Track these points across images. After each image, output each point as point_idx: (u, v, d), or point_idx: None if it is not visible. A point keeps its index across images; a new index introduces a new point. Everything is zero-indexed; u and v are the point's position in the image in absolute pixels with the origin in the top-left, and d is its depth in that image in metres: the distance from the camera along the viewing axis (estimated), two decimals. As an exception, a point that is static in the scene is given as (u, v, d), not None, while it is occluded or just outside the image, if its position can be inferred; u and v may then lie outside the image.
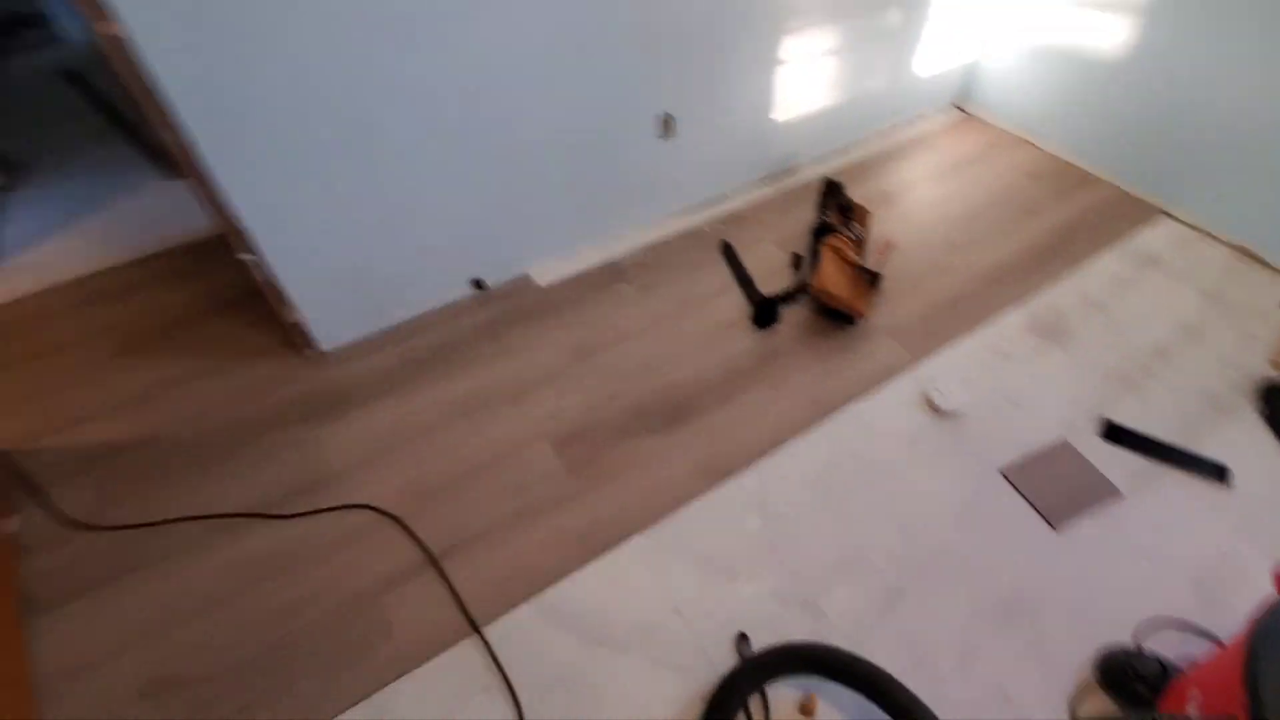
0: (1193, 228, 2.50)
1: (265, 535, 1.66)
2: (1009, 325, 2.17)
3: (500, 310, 2.22)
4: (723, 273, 2.38)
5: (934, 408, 1.92)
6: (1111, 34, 2.48)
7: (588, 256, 2.42)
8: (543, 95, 1.95)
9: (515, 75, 1.85)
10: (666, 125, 2.29)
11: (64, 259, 2.38)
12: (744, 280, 2.34)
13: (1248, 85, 2.20)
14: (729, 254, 2.45)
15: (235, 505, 1.71)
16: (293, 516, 1.69)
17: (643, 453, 1.83)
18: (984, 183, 2.75)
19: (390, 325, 2.15)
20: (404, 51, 1.64)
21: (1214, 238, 2.45)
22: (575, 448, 1.84)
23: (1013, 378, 2.01)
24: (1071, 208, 2.61)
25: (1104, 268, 2.36)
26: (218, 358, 2.07)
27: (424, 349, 2.09)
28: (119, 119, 2.93)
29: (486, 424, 1.90)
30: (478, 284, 2.26)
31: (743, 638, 1.48)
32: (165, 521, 1.67)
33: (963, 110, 3.20)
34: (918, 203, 2.67)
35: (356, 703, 1.39)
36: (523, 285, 2.32)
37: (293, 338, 2.01)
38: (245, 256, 1.72)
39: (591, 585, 1.57)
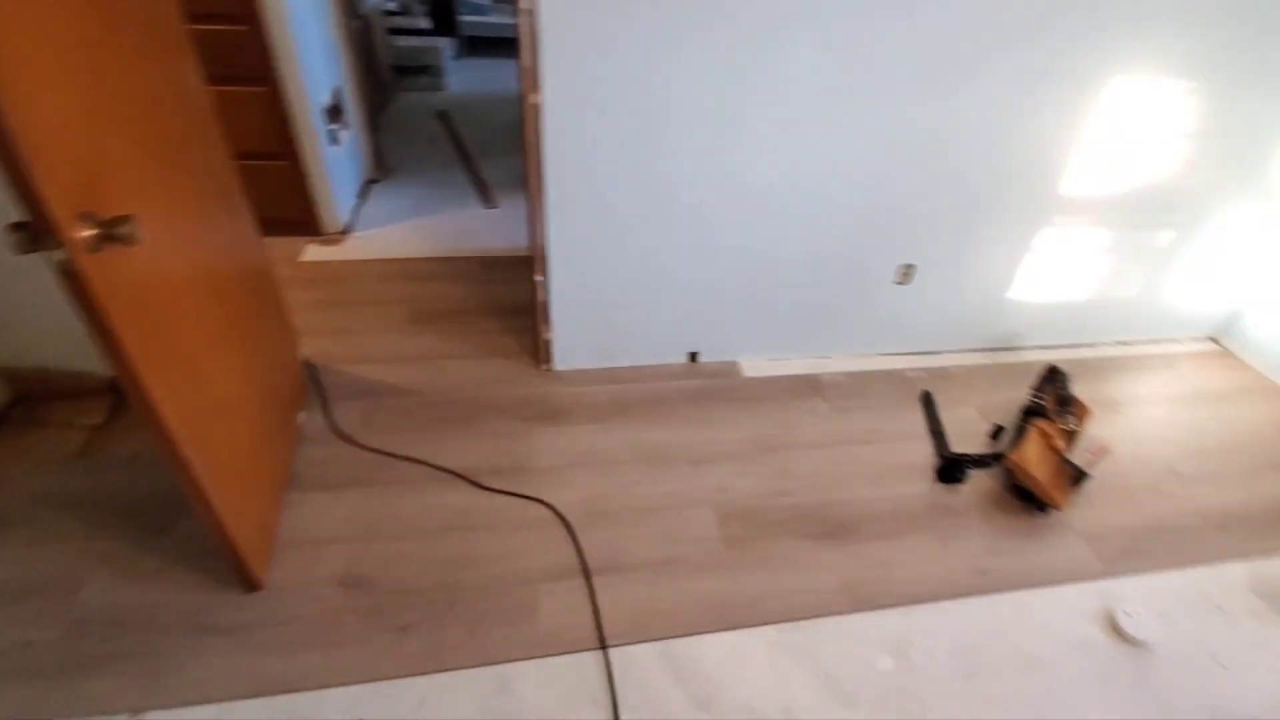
0: None
1: (465, 496, 1.96)
2: (1229, 577, 1.96)
3: (706, 385, 2.46)
4: (917, 420, 2.43)
5: (1118, 630, 1.78)
6: None
7: (794, 365, 2.60)
8: (803, 222, 2.23)
9: (784, 203, 2.16)
10: (905, 273, 2.45)
11: (397, 242, 3.07)
12: (937, 433, 2.36)
13: None
14: (928, 405, 2.49)
15: (452, 464, 2.04)
16: (489, 489, 1.98)
17: (798, 552, 1.90)
18: (1228, 422, 2.54)
19: (613, 366, 2.48)
20: (713, 161, 2.02)
21: None
22: (735, 525, 1.96)
23: (1224, 635, 1.81)
24: (1339, 482, 2.32)
25: (1369, 558, 2.06)
26: (478, 348, 2.52)
27: (634, 395, 2.37)
28: (464, 153, 3.75)
29: (664, 475, 2.09)
30: (693, 357, 2.53)
31: (847, 766, 1.46)
32: (399, 456, 2.04)
33: (1218, 344, 2.99)
34: (1146, 419, 2.53)
35: (488, 664, 1.57)
36: (731, 370, 2.54)
37: (538, 352, 2.40)
38: (538, 278, 2.14)
39: (715, 654, 1.65)
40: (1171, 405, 2.62)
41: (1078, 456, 2.26)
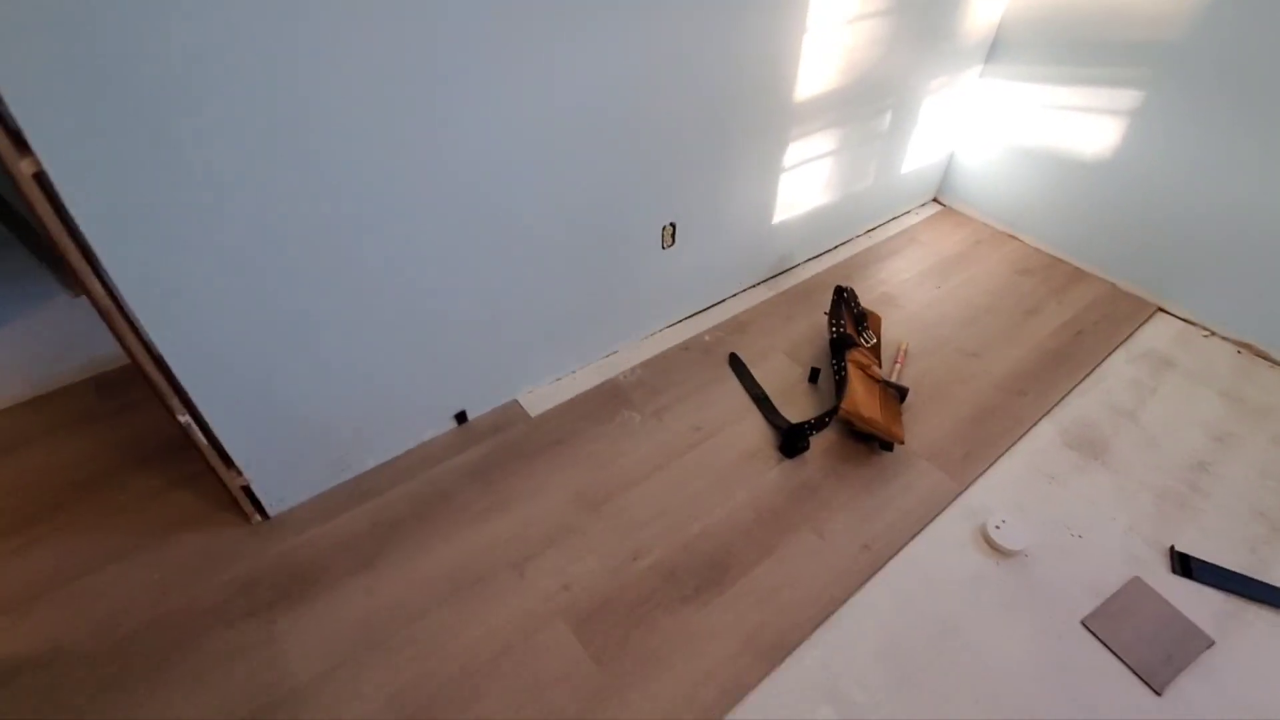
0: (1191, 324, 2.48)
1: (200, 792, 1.24)
2: (1044, 441, 2.02)
3: (488, 448, 1.90)
4: (735, 389, 2.16)
5: (994, 547, 1.71)
6: (1094, 136, 2.49)
7: (584, 378, 2.15)
8: (538, 204, 1.71)
9: (509, 181, 1.62)
10: (669, 233, 2.09)
11: (-67, 402, 1.91)
12: (759, 398, 2.12)
13: (1235, 184, 2.20)
14: (738, 367, 2.23)
15: (158, 749, 1.29)
16: (239, 760, 1.28)
17: (681, 627, 1.52)
18: (978, 281, 2.68)
19: (359, 474, 1.79)
20: (389, 155, 1.38)
21: (1215, 334, 2.43)
22: (598, 627, 1.52)
23: (1065, 503, 1.84)
24: (1070, 306, 2.55)
25: (1119, 371, 2.27)
26: (137, 532, 1.64)
27: (400, 504, 1.74)
28: (21, 225, 2.50)
29: (487, 603, 1.55)
30: (460, 418, 1.94)
31: None
32: (56, 784, 1.23)
33: (940, 203, 3.18)
34: (917, 304, 2.55)
35: None
36: (512, 415, 2.01)
37: (236, 501, 1.62)
38: (182, 418, 1.36)
39: (640, 826, 1.23)
40: (930, 280, 2.68)
41: (888, 371, 2.18)
